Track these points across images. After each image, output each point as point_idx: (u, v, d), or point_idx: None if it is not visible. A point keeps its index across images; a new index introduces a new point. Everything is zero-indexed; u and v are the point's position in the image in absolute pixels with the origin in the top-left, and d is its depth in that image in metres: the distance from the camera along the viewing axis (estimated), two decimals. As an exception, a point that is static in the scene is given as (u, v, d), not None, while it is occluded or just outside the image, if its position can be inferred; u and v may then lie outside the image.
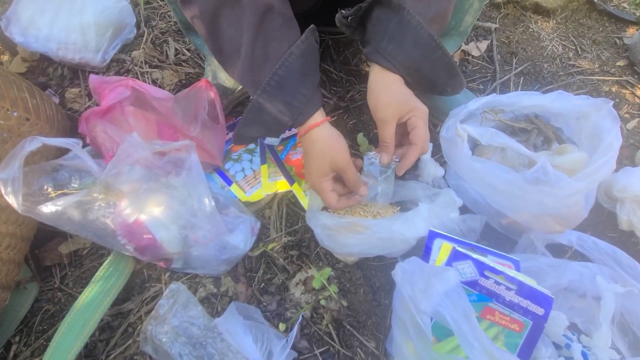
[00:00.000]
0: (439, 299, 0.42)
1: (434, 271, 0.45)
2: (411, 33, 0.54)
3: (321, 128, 0.57)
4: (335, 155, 0.57)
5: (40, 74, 0.93)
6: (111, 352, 0.60)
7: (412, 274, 0.47)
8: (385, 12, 0.55)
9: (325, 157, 0.57)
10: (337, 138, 0.58)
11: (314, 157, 0.58)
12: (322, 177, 0.58)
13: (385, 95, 0.57)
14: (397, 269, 0.49)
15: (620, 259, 0.53)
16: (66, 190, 0.56)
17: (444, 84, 0.60)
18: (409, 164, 0.58)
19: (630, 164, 0.81)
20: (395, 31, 0.54)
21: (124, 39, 0.96)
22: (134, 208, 0.57)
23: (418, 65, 0.56)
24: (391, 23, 0.54)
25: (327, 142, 0.57)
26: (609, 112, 0.62)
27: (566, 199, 0.56)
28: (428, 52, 0.55)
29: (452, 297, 0.42)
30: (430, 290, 0.42)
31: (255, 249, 0.68)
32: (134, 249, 0.59)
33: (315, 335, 0.62)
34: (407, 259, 0.51)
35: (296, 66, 0.53)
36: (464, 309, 0.41)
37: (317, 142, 0.57)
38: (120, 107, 0.69)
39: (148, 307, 0.64)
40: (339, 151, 0.57)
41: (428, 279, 0.44)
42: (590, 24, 1.11)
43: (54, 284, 0.67)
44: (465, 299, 0.42)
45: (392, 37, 0.55)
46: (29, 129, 0.62)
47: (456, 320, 0.40)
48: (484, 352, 0.38)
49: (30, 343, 0.62)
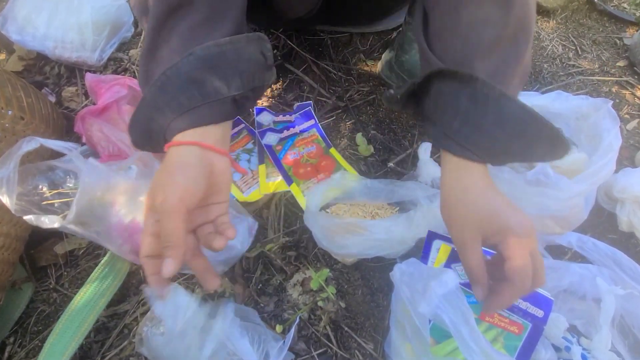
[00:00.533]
0: (438, 301, 0.41)
1: (432, 273, 0.44)
2: (492, 110, 0.40)
3: (175, 150, 0.41)
4: (160, 190, 0.39)
5: (37, 72, 0.92)
6: (106, 353, 0.60)
7: (411, 275, 0.46)
8: (448, 85, 0.42)
9: (152, 187, 0.41)
10: (183, 170, 0.40)
11: (158, 176, 0.42)
12: (146, 209, 0.41)
13: (462, 205, 0.42)
14: (395, 270, 0.48)
15: (620, 260, 0.53)
16: (61, 190, 0.55)
17: (542, 155, 0.43)
18: (499, 305, 0.41)
19: (630, 164, 0.81)
20: (470, 109, 0.41)
21: (122, 37, 0.96)
22: (130, 208, 0.56)
23: (506, 147, 0.41)
24: (461, 99, 0.41)
25: (162, 170, 0.41)
26: (608, 112, 0.62)
27: (566, 201, 0.55)
28: (520, 129, 0.40)
29: (451, 299, 0.41)
30: (429, 292, 0.42)
31: (253, 249, 0.68)
32: (130, 250, 0.59)
33: (313, 336, 0.61)
34: (405, 261, 0.50)
35: (186, 69, 0.40)
36: (463, 312, 0.40)
37: (162, 164, 0.42)
38: (116, 106, 0.68)
39: (144, 308, 0.63)
40: (169, 186, 0.39)
41: (427, 281, 0.43)
42: (591, 24, 1.10)
43: (49, 285, 0.67)
44: (464, 302, 0.41)
45: (466, 118, 0.41)
46: (23, 127, 0.62)
47: (455, 323, 0.40)
48: (483, 355, 0.38)
49: (25, 344, 0.61)
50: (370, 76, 0.94)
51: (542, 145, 0.42)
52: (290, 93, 0.89)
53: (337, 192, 0.68)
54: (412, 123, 0.87)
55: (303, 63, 0.94)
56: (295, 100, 0.88)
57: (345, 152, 0.81)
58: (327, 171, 0.77)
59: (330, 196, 0.68)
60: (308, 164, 0.77)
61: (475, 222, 0.41)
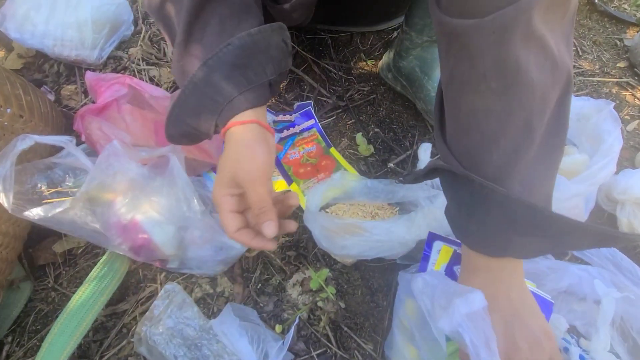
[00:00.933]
0: (461, 319, 0.39)
1: (458, 290, 0.42)
2: (495, 209, 0.39)
3: (241, 128, 0.44)
4: (244, 163, 0.43)
5: (36, 70, 0.92)
6: (105, 353, 0.60)
7: (434, 288, 0.44)
8: (448, 180, 0.43)
9: (229, 164, 0.44)
10: (257, 144, 0.44)
11: (220, 162, 0.45)
12: (221, 189, 0.44)
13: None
14: (418, 280, 0.46)
15: (619, 263, 0.53)
16: (60, 188, 0.55)
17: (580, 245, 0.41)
18: None
19: (631, 166, 0.81)
20: (472, 204, 0.41)
21: (121, 36, 0.95)
22: (128, 207, 0.56)
23: (522, 244, 0.40)
24: (462, 193, 0.42)
25: (239, 145, 0.44)
26: (610, 113, 0.62)
27: (566, 201, 0.55)
28: (533, 228, 0.39)
29: (475, 320, 0.39)
30: (452, 309, 0.40)
31: (252, 249, 0.68)
32: (129, 248, 0.58)
33: (312, 337, 0.61)
34: (429, 272, 0.49)
35: (229, 58, 0.43)
36: (486, 335, 0.38)
37: (229, 143, 0.45)
38: (116, 104, 0.68)
39: (143, 307, 0.63)
40: (251, 159, 0.43)
41: (451, 298, 0.41)
42: (591, 25, 1.10)
43: (48, 284, 0.66)
44: (488, 325, 0.39)
45: (470, 213, 0.41)
46: (22, 126, 0.61)
47: (475, 346, 0.38)
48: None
49: (24, 343, 0.61)
50: (371, 76, 0.94)
51: (574, 238, 0.39)
52: (290, 92, 0.89)
53: (337, 192, 0.68)
54: (412, 123, 0.87)
55: (303, 62, 0.94)
56: (295, 99, 0.88)
57: (345, 152, 0.81)
58: (327, 171, 0.77)
59: (330, 196, 0.68)
60: (308, 164, 0.77)
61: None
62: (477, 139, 0.40)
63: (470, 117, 0.40)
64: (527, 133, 0.38)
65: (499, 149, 0.39)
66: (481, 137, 0.39)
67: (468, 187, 0.40)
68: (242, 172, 0.43)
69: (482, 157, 0.40)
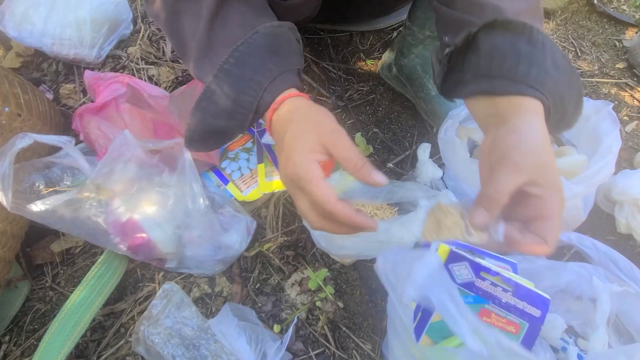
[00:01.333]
0: (422, 281, 0.40)
1: (415, 256, 0.43)
2: (549, 54, 0.41)
3: (298, 98, 0.44)
4: (327, 123, 0.41)
5: (34, 69, 0.91)
6: (103, 352, 0.59)
7: (394, 263, 0.45)
8: (503, 35, 0.42)
9: (310, 127, 0.41)
10: (322, 108, 0.44)
11: (293, 130, 0.41)
12: (307, 155, 0.40)
13: (527, 139, 0.39)
14: (378, 259, 0.46)
15: (616, 259, 0.53)
16: (58, 187, 0.55)
17: (572, 115, 0.45)
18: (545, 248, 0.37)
19: (629, 166, 0.81)
20: (531, 53, 0.41)
21: (120, 34, 0.95)
22: (127, 206, 0.56)
23: (562, 92, 0.42)
24: (519, 44, 0.41)
25: (311, 110, 0.43)
26: (609, 114, 0.62)
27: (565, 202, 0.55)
28: (567, 76, 0.42)
29: (435, 277, 0.40)
30: (414, 274, 0.41)
31: (251, 249, 0.68)
32: (127, 248, 0.58)
33: (311, 337, 0.61)
34: (389, 249, 0.49)
35: (261, 42, 0.43)
36: (448, 288, 0.39)
37: (295, 112, 0.43)
38: (115, 104, 0.68)
39: (141, 307, 0.63)
40: (331, 119, 0.42)
41: (410, 264, 0.42)
42: (590, 26, 1.10)
43: (46, 283, 0.66)
44: (447, 279, 0.40)
45: (530, 61, 0.41)
46: (20, 124, 0.61)
47: (441, 300, 0.39)
48: (471, 328, 0.37)
49: (21, 342, 0.61)
50: (370, 76, 0.94)
51: (574, 100, 0.43)
52: (289, 92, 0.89)
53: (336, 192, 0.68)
54: (411, 123, 0.87)
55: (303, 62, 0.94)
56: (294, 99, 0.88)
57: (344, 152, 0.81)
58: (326, 170, 0.76)
59: (329, 196, 0.68)
60: (307, 164, 0.77)
61: (531, 166, 0.37)
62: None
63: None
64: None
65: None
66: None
67: (525, 36, 0.41)
68: (328, 131, 0.41)
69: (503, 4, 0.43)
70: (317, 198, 0.39)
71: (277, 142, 0.45)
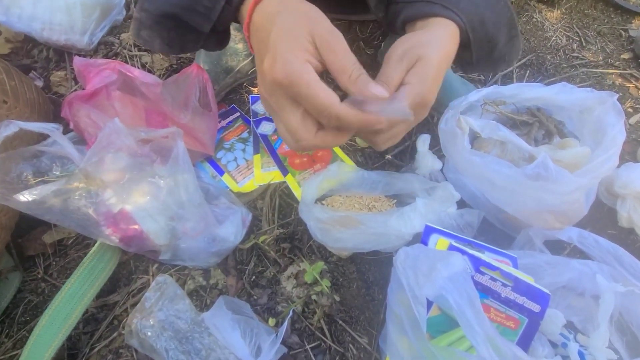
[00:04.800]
0: (443, 282, 0.40)
1: (439, 255, 0.43)
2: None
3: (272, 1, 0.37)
4: (320, 20, 0.35)
5: (24, 55, 0.89)
6: (95, 345, 0.59)
7: (416, 258, 0.45)
8: None
9: (301, 22, 0.34)
10: (315, 7, 0.37)
11: (282, 24, 0.34)
12: (298, 54, 0.33)
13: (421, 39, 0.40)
14: (400, 253, 0.46)
15: (621, 257, 0.52)
16: (46, 177, 0.53)
17: (504, 47, 0.47)
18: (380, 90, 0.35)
19: (632, 159, 0.79)
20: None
21: (113, 20, 0.92)
22: (118, 197, 0.54)
23: (482, 16, 0.44)
24: None
25: (302, 3, 0.37)
26: (613, 105, 0.60)
27: (567, 195, 0.54)
28: (491, 1, 0.44)
29: (457, 281, 0.40)
30: (435, 274, 0.40)
31: (247, 241, 0.66)
32: (119, 239, 0.57)
33: (307, 330, 0.60)
34: (412, 245, 0.49)
35: None
36: (469, 294, 0.39)
37: (283, 3, 0.36)
38: (106, 91, 0.66)
39: (134, 299, 0.62)
40: (322, 16, 0.36)
41: (433, 263, 0.42)
42: (596, 15, 1.08)
43: (38, 274, 0.65)
44: (470, 284, 0.40)
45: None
46: (6, 112, 0.59)
47: (460, 305, 0.38)
48: (487, 338, 0.37)
49: (12, 334, 0.60)
50: (370, 65, 0.91)
51: (504, 30, 0.46)
52: (286, 81, 0.87)
53: (333, 183, 0.66)
54: (411, 114, 0.85)
55: (300, 50, 0.91)
56: (291, 88, 0.86)
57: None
58: (324, 162, 0.75)
59: (327, 187, 0.66)
60: (304, 155, 0.75)
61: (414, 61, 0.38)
62: None
63: None
64: None
65: None
66: None
67: None
68: (324, 30, 0.34)
69: None
70: (319, 102, 0.33)
71: (258, 42, 0.38)
